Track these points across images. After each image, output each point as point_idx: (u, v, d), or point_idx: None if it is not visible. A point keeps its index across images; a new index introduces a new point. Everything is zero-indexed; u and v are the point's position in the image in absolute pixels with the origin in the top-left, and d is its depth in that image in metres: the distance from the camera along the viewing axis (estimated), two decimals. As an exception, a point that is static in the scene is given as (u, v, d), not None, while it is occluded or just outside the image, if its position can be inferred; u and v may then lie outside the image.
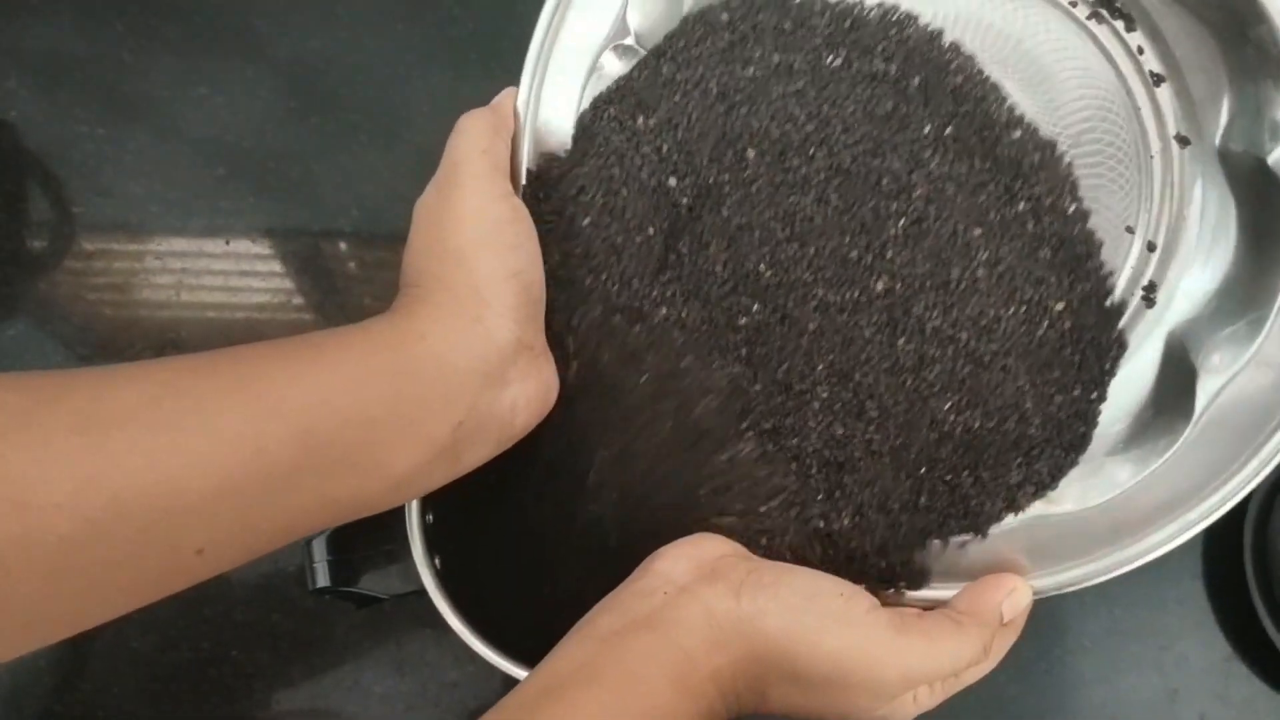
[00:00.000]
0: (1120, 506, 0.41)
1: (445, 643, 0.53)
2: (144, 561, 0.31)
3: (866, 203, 0.40)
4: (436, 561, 0.45)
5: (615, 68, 0.44)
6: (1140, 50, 0.42)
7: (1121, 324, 0.43)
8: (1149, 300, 0.43)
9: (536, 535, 0.46)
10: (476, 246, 0.39)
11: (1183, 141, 0.42)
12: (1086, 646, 0.57)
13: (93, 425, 0.30)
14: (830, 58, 0.42)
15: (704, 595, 0.37)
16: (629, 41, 0.44)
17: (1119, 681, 0.57)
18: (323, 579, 0.46)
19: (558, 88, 0.44)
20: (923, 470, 0.41)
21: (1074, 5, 0.42)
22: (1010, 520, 0.42)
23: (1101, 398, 0.41)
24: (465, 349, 0.37)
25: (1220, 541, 0.56)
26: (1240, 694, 0.56)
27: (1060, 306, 0.40)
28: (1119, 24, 0.42)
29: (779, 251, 0.41)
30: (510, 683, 0.37)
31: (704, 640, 0.36)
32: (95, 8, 0.65)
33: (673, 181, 0.42)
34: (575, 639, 0.37)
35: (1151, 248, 0.43)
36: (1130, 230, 0.43)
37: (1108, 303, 0.41)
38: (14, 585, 0.28)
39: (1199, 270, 0.43)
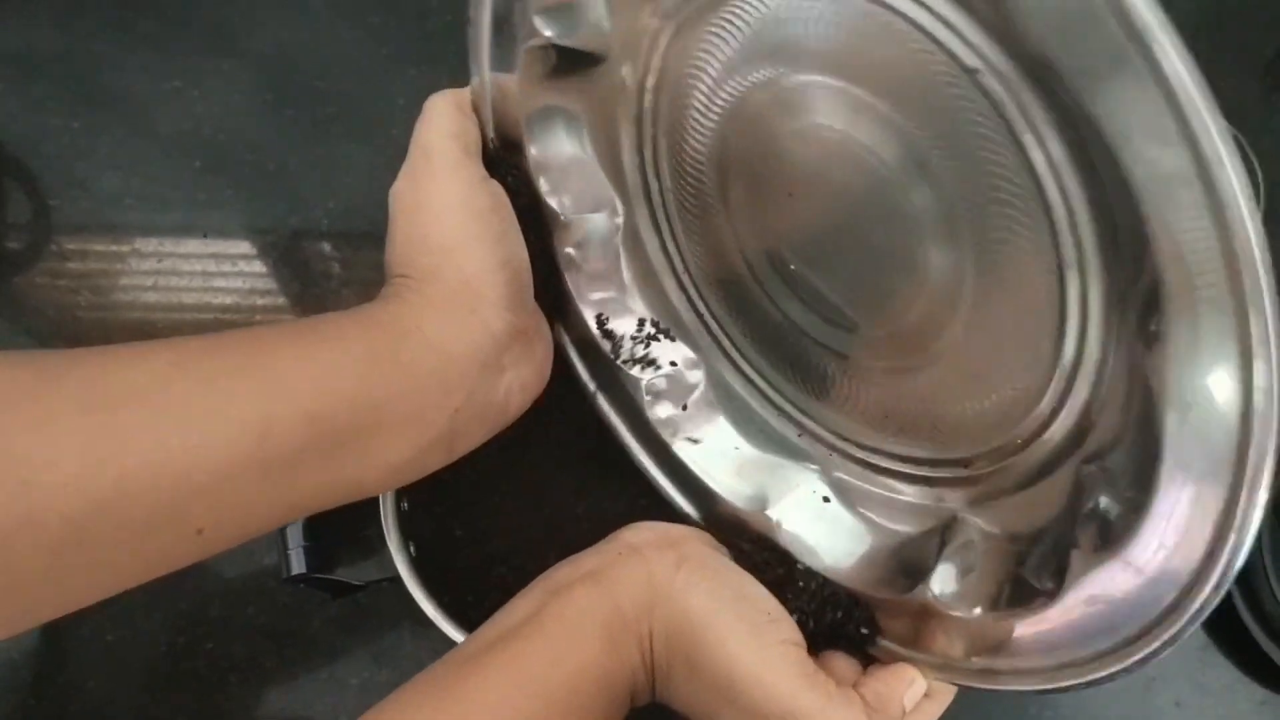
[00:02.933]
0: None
1: (423, 634, 0.53)
2: (145, 541, 0.31)
3: None
4: (411, 548, 0.45)
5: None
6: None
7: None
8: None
9: (509, 522, 0.46)
10: (464, 240, 0.38)
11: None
12: (1064, 635, 0.57)
13: (100, 405, 0.30)
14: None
15: (651, 559, 0.38)
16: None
17: (1096, 670, 0.57)
18: (297, 566, 0.46)
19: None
20: None
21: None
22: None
23: None
24: (463, 340, 0.37)
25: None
26: (1216, 681, 0.56)
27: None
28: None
29: None
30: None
31: (638, 601, 0.37)
32: (69, 2, 0.65)
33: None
34: (532, 590, 0.38)
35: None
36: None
37: None
38: (17, 564, 0.28)
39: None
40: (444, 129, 0.40)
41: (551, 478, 0.52)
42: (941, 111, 0.32)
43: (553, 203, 0.43)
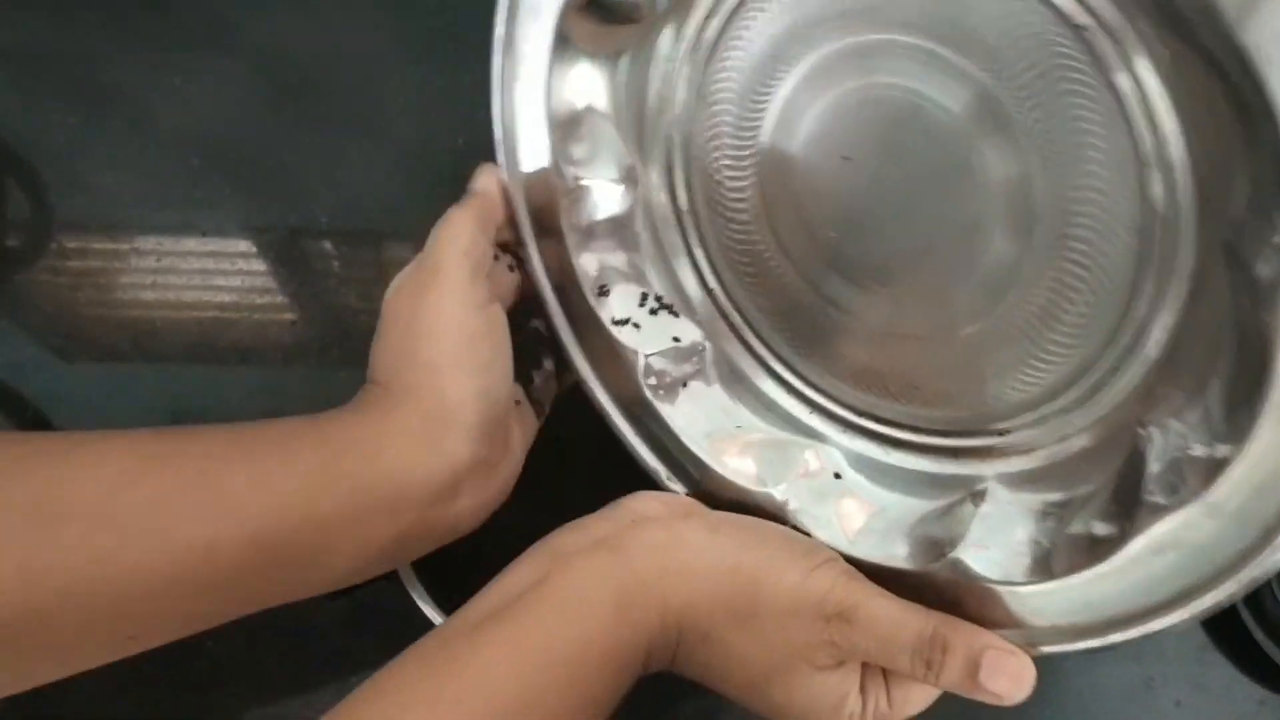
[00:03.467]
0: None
1: (422, 633, 0.53)
2: (73, 645, 0.32)
3: None
4: (410, 548, 0.45)
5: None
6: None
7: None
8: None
9: (509, 522, 0.46)
10: (449, 364, 0.38)
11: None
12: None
13: (47, 518, 0.31)
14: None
15: (676, 526, 0.37)
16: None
17: (1096, 670, 0.57)
18: (296, 566, 0.46)
19: (525, 92, 0.43)
20: None
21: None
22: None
23: None
24: (421, 470, 0.37)
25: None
26: (1216, 681, 0.56)
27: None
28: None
29: None
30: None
31: (661, 565, 0.36)
32: (68, -2, 0.65)
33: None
34: (534, 554, 0.37)
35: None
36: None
37: None
38: None
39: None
40: (459, 246, 0.40)
41: (552, 477, 0.52)
42: (1030, 67, 0.32)
43: (570, 169, 0.43)
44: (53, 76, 0.64)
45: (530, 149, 0.43)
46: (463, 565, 0.49)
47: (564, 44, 0.42)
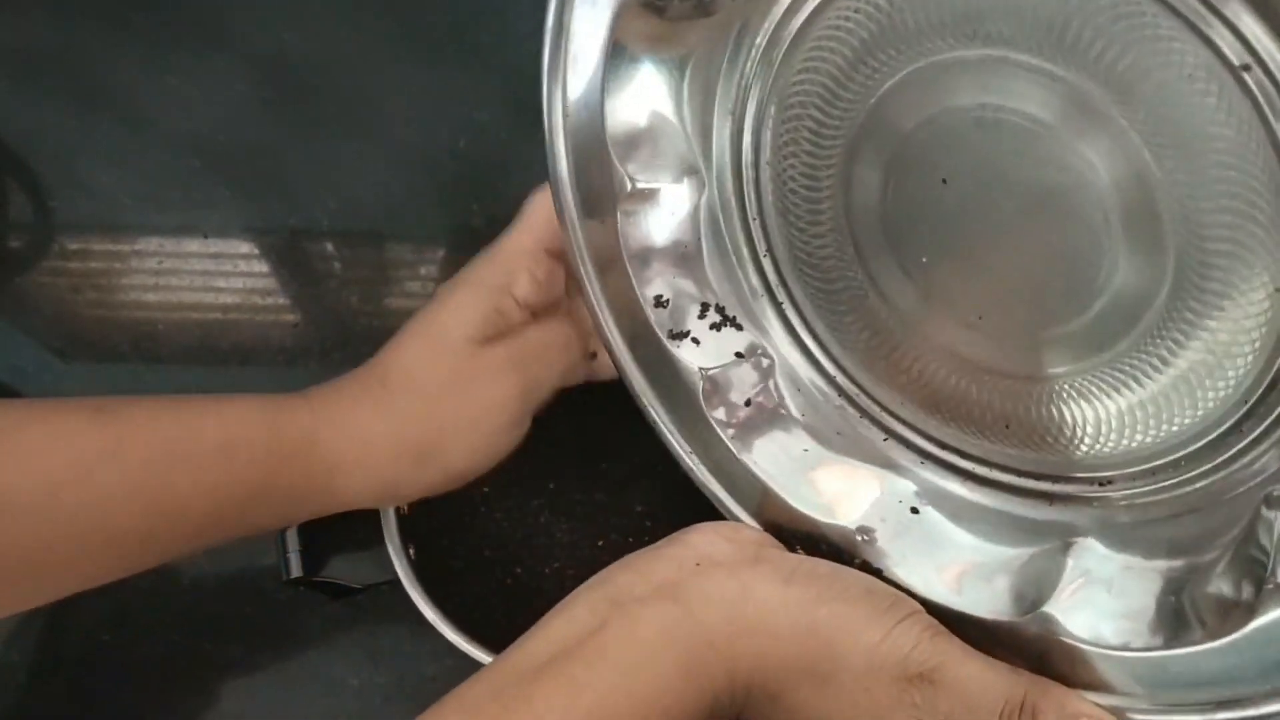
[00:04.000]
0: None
1: (422, 636, 0.53)
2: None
3: None
4: (410, 551, 0.45)
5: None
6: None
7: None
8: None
9: (509, 526, 0.46)
10: (451, 451, 0.41)
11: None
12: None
13: None
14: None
15: (745, 575, 0.34)
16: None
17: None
18: (296, 569, 0.46)
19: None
20: None
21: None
22: None
23: None
24: (356, 494, 0.41)
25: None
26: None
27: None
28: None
29: None
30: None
31: (731, 622, 0.33)
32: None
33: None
34: (590, 596, 0.34)
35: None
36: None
37: None
38: None
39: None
40: (529, 284, 0.42)
41: (553, 481, 0.52)
42: (1175, 110, 0.29)
43: (628, 170, 0.40)
44: (54, 78, 0.64)
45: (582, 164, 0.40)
46: (463, 569, 0.49)
47: (620, 48, 0.38)
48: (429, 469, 0.40)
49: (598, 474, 0.45)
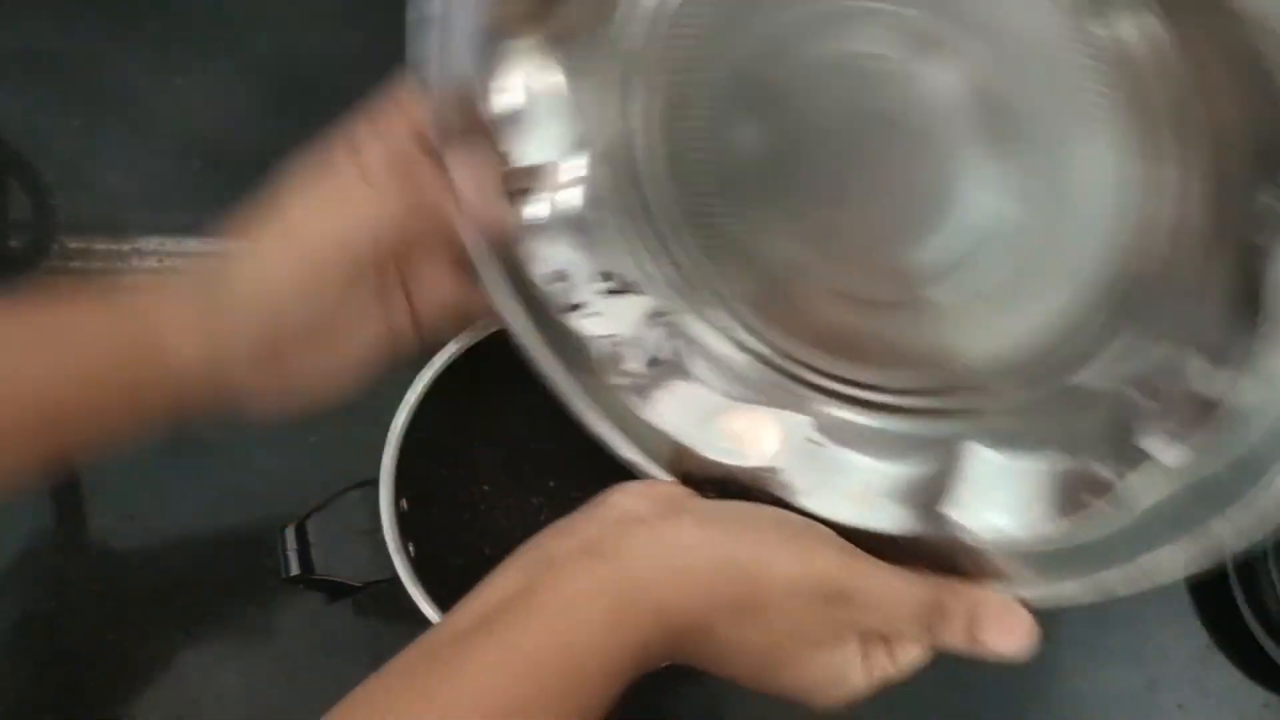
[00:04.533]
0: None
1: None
2: None
3: None
4: (410, 549, 0.45)
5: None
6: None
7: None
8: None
9: (509, 524, 0.46)
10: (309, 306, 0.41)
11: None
12: (1066, 637, 0.57)
13: None
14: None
15: (664, 527, 0.36)
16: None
17: (1098, 672, 0.57)
18: (295, 567, 0.46)
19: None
20: None
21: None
22: None
23: None
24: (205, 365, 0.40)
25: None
26: (1219, 684, 0.56)
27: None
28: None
29: None
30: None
31: (655, 569, 0.35)
32: (71, 0, 0.65)
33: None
34: (521, 559, 0.36)
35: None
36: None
37: None
38: None
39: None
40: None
41: (553, 479, 0.52)
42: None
43: (518, 145, 0.41)
44: (56, 78, 0.64)
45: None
46: (462, 567, 0.49)
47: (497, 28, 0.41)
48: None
49: (597, 471, 0.45)
